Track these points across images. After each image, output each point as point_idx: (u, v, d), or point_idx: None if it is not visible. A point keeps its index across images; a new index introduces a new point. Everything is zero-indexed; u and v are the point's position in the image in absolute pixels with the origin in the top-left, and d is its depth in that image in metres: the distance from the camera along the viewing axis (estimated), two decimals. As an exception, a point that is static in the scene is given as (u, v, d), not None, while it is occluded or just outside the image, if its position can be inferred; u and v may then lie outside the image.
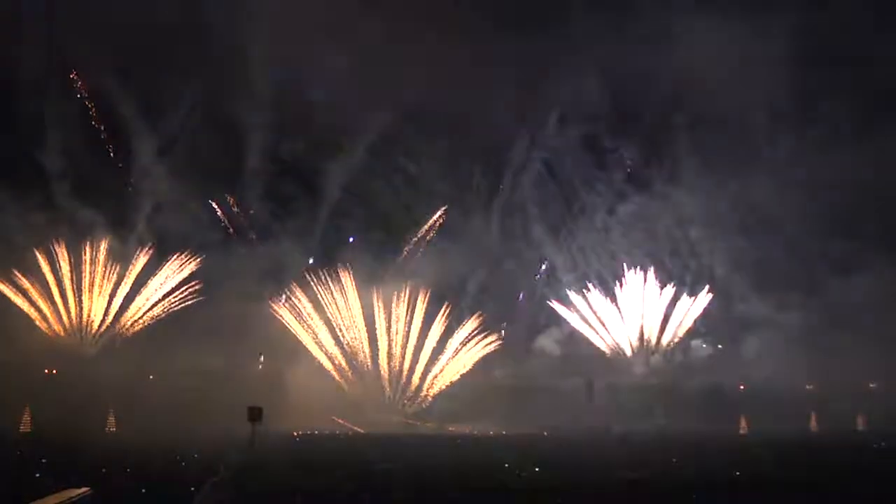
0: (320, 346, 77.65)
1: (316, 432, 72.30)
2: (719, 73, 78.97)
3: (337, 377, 77.61)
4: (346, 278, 77.36)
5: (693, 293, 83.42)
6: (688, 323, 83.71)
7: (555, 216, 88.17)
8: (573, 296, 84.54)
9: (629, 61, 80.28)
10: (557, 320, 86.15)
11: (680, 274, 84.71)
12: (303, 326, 77.57)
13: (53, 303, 76.06)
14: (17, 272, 74.45)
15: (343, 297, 77.79)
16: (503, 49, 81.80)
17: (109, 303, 77.09)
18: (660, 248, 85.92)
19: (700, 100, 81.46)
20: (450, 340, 78.43)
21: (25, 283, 74.74)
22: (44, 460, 39.98)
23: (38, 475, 34.81)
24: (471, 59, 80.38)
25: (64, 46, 73.94)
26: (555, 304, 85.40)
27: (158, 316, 78.07)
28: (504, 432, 73.70)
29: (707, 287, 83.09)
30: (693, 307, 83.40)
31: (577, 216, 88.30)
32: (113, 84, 75.87)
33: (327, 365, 77.51)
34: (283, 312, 77.42)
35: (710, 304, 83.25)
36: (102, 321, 77.22)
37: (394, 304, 77.88)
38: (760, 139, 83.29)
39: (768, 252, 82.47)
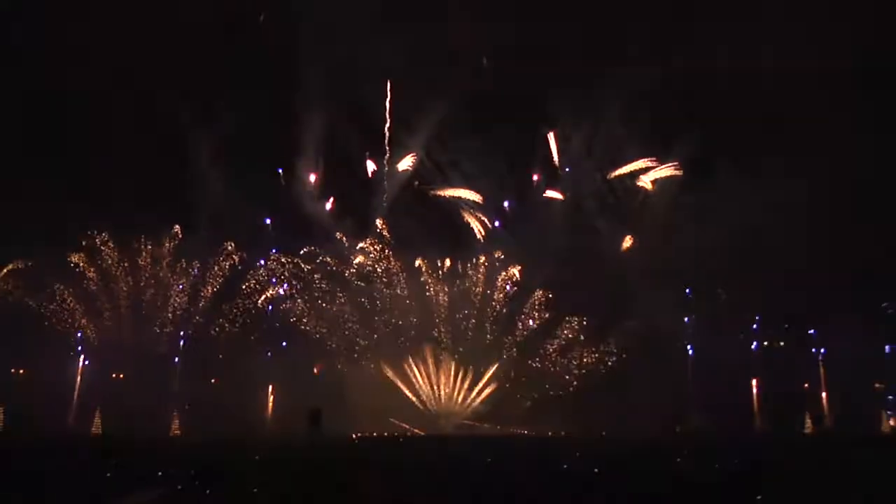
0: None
1: (374, 434, 74.10)
2: (785, 54, 76.93)
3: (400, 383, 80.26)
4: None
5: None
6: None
7: (616, 210, 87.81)
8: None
9: (691, 46, 79.15)
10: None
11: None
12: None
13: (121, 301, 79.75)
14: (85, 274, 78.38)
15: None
16: (564, 33, 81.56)
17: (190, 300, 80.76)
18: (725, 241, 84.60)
19: (764, 85, 79.81)
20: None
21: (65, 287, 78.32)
22: (114, 461, 42.31)
23: (108, 475, 37.04)
24: (528, 44, 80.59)
25: (117, 51, 76.19)
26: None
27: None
28: (563, 433, 74.20)
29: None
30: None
31: (640, 209, 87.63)
32: (167, 85, 78.12)
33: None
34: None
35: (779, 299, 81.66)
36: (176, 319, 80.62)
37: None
38: (828, 123, 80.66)
39: (843, 244, 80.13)
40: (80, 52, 72.72)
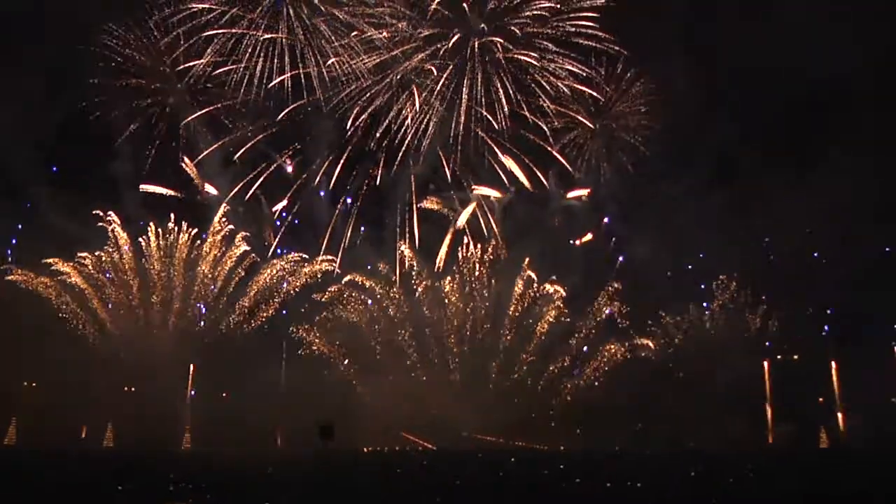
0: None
1: (385, 449, 75.72)
2: (816, 43, 75.87)
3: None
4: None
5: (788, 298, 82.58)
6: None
7: (638, 213, 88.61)
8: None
9: (719, 35, 79.45)
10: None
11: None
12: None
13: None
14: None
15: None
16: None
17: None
18: (752, 247, 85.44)
19: (796, 77, 78.63)
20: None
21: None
22: (125, 475, 44.22)
23: (119, 488, 38.96)
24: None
25: (129, 55, 78.30)
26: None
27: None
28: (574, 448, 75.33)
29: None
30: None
31: (663, 212, 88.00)
32: (178, 92, 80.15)
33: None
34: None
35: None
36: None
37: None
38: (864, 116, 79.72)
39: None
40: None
